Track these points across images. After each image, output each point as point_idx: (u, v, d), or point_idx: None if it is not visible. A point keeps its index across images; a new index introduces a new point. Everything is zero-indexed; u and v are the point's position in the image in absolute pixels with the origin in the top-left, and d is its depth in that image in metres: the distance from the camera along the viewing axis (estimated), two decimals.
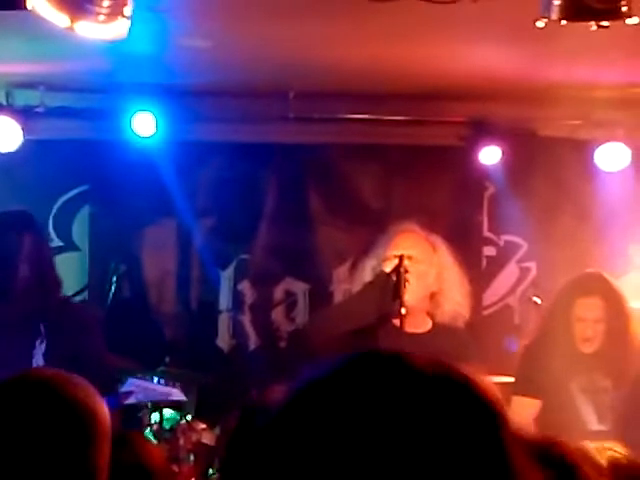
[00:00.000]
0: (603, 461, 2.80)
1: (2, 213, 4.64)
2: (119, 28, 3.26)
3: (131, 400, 4.34)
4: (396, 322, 4.39)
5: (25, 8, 3.09)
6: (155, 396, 4.50)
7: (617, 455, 2.86)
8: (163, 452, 3.61)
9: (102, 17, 3.17)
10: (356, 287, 4.62)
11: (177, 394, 4.67)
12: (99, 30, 3.24)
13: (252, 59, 5.58)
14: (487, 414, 1.15)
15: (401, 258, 4.30)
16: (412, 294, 4.37)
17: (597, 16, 3.20)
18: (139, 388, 4.44)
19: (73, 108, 6.19)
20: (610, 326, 4.92)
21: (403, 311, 4.26)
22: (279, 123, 6.30)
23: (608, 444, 2.95)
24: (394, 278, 4.28)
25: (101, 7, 3.15)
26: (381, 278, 4.34)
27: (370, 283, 4.40)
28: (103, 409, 2.09)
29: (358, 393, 1.13)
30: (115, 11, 3.20)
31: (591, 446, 2.91)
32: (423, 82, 5.95)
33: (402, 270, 4.27)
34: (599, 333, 4.91)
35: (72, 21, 3.18)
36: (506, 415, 1.17)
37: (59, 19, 3.16)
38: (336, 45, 5.30)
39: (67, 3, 3.11)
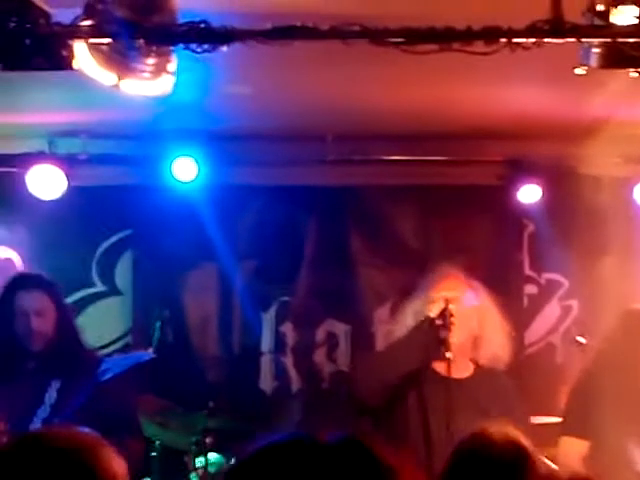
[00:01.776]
0: None
1: (18, 275, 4.88)
2: (164, 85, 3.32)
3: (107, 375, 4.45)
4: (440, 367, 4.39)
5: (71, 68, 3.16)
6: (127, 364, 4.60)
7: None
8: None
9: (147, 74, 3.23)
10: (398, 329, 4.62)
11: (147, 354, 4.77)
12: (144, 87, 3.30)
13: (291, 104, 5.65)
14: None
15: (447, 301, 4.31)
16: (456, 338, 4.37)
17: (636, 63, 3.22)
18: (113, 363, 4.56)
19: (115, 155, 6.29)
20: None
21: (449, 355, 4.26)
22: (318, 166, 6.35)
23: None
24: (439, 322, 4.29)
25: (146, 65, 3.22)
26: (425, 323, 4.35)
27: (415, 328, 4.41)
28: (115, 464, 2.10)
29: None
30: (160, 68, 3.26)
31: None
32: (461, 122, 5.98)
33: (447, 314, 4.28)
34: None
35: (118, 79, 3.24)
36: None
37: (105, 78, 3.22)
38: (373, 88, 5.35)
39: (113, 62, 3.17)
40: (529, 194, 6.32)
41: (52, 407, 4.42)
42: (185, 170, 6.19)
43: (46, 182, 6.04)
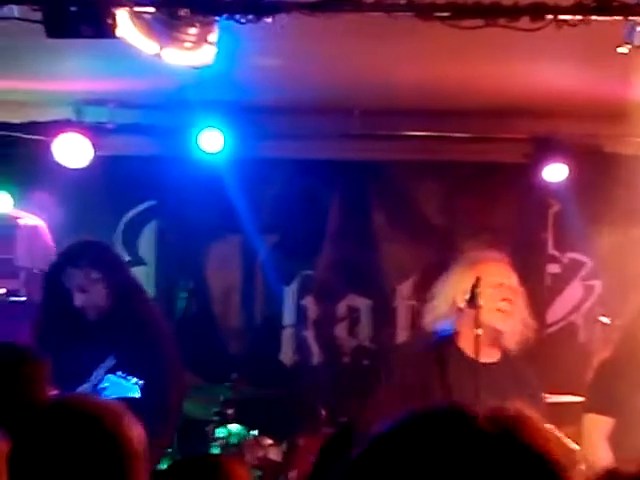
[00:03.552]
0: None
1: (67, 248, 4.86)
2: (205, 55, 3.31)
3: (102, 396, 4.46)
4: (467, 348, 4.39)
5: (115, 36, 3.15)
6: (121, 393, 4.60)
7: None
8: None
9: (189, 44, 3.22)
10: (437, 307, 4.56)
11: (137, 390, 4.78)
12: (186, 57, 3.29)
13: (319, 77, 5.63)
14: (547, 474, 1.21)
15: (478, 280, 4.28)
16: (488, 322, 4.35)
17: None
18: (112, 384, 4.55)
19: (142, 125, 6.27)
20: None
21: (479, 331, 4.25)
22: (344, 140, 6.33)
23: None
24: (472, 301, 4.27)
25: (188, 35, 3.21)
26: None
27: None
28: (136, 433, 2.15)
29: (425, 451, 1.22)
30: (201, 38, 3.25)
31: None
32: (487, 99, 5.95)
33: (478, 292, 4.25)
34: None
35: (160, 48, 3.23)
36: (565, 473, 1.23)
37: (148, 47, 3.21)
38: (401, 63, 5.33)
39: (155, 31, 3.16)
40: (555, 173, 6.29)
41: (94, 387, 4.41)
42: (211, 142, 6.17)
43: (72, 151, 6.04)
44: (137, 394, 4.32)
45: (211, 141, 6.17)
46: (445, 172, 6.58)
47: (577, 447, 4.94)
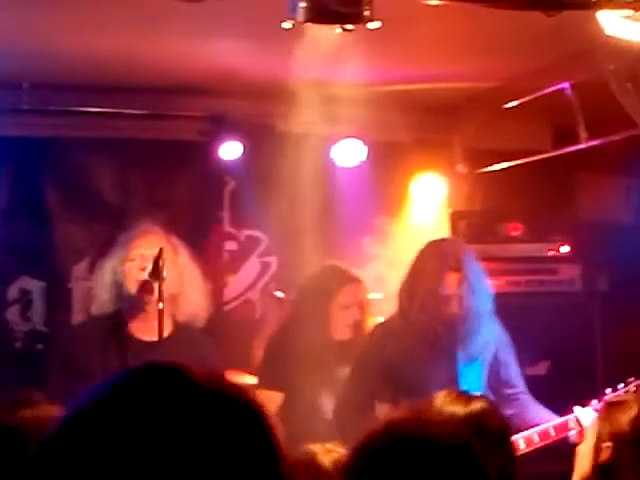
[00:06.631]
0: (328, 463, 2.91)
1: None
2: None
3: None
4: (138, 330, 4.32)
5: None
6: None
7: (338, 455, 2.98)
8: None
9: None
10: (96, 288, 4.52)
11: None
12: None
13: None
14: (259, 426, 1.21)
15: (161, 251, 4.21)
16: (156, 296, 4.30)
17: (341, 19, 3.27)
18: None
19: None
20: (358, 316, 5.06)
21: (161, 305, 4.19)
22: (13, 115, 6.06)
23: (330, 445, 3.06)
24: (152, 273, 4.20)
25: None
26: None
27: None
28: None
29: (139, 411, 1.15)
30: None
31: (316, 449, 3.02)
32: (163, 76, 5.90)
33: (161, 264, 4.18)
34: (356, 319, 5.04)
35: None
36: (274, 427, 1.23)
37: None
38: (72, 36, 5.16)
39: None
40: (230, 151, 6.34)
41: None
42: None
43: None
44: None
45: None
46: (120, 149, 6.46)
47: None
